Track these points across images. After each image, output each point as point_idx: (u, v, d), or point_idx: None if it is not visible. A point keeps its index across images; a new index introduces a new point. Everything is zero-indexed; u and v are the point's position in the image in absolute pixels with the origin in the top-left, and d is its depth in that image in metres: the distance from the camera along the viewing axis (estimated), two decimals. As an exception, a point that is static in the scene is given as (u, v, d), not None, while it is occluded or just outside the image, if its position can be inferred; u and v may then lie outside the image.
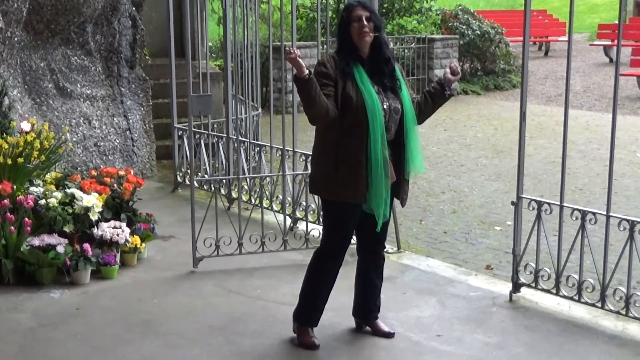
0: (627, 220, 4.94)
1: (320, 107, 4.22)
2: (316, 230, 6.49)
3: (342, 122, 4.35)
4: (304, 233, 6.45)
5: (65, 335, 4.94)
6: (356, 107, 4.31)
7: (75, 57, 8.42)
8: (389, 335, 4.83)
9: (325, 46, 6.71)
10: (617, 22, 5.04)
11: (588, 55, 21.42)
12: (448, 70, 4.59)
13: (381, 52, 4.44)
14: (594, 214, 5.12)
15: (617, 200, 8.06)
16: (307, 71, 4.15)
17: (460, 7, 18.65)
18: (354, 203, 4.44)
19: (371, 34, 4.38)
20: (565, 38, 4.97)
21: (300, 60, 4.13)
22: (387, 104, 4.39)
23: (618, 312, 5.03)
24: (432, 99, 4.61)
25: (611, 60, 20.09)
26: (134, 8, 9.13)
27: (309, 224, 6.56)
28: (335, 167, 4.40)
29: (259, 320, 5.16)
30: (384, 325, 4.89)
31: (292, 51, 4.14)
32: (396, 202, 4.79)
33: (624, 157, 10.40)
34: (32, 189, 6.13)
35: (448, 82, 4.56)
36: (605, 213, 5.02)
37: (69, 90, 8.29)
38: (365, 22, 4.35)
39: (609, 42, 20.25)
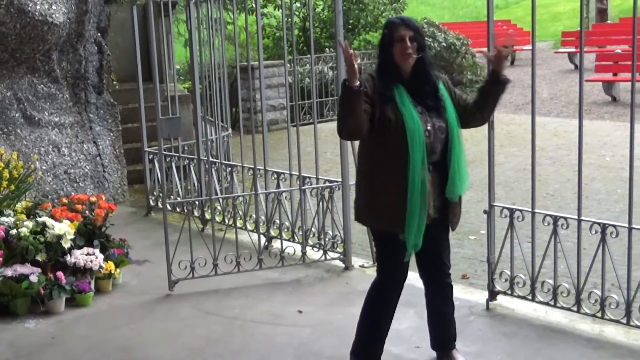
0: (599, 224, 4.99)
1: (360, 121, 3.98)
2: (291, 248, 6.49)
3: (380, 145, 4.14)
4: (279, 251, 6.44)
5: (42, 365, 4.90)
6: (395, 128, 4.05)
7: (42, 85, 8.38)
8: None
9: (291, 64, 6.74)
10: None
11: (553, 62, 21.63)
12: (490, 55, 4.29)
13: (424, 73, 4.19)
14: (565, 218, 5.16)
15: (589, 205, 8.14)
16: (359, 82, 3.89)
17: (425, 20, 18.76)
18: (395, 232, 4.18)
19: (414, 55, 4.12)
20: (530, 47, 5.06)
21: (356, 67, 3.85)
22: (431, 123, 4.13)
23: (594, 315, 5.07)
24: (486, 93, 4.32)
25: (576, 66, 20.30)
26: (99, 34, 9.11)
27: (283, 241, 6.55)
28: (375, 193, 4.19)
29: (237, 340, 5.15)
30: (459, 356, 4.59)
31: (352, 54, 3.84)
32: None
33: (593, 161, 10.50)
34: (3, 219, 6.08)
35: (498, 67, 4.23)
36: (576, 217, 5.07)
37: (36, 118, 8.25)
38: (408, 43, 4.09)
39: (573, 49, 20.46)
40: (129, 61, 8.87)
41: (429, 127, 4.13)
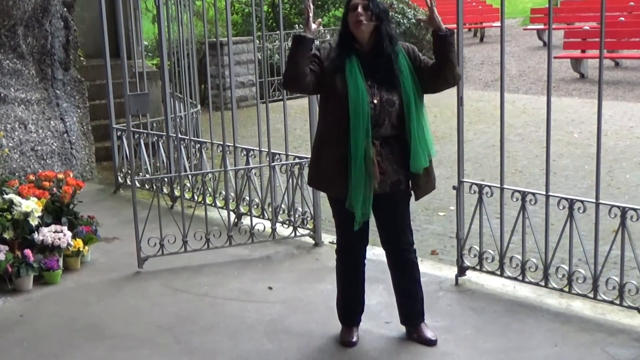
0: (566, 199, 5.02)
1: (296, 71, 4.13)
2: (261, 225, 6.48)
3: (327, 114, 4.28)
4: (248, 228, 6.43)
5: (9, 344, 4.86)
6: (340, 97, 4.14)
7: (7, 61, 8.26)
8: (429, 343, 4.56)
9: (261, 41, 6.69)
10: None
11: (522, 39, 21.72)
12: (423, 19, 4.39)
13: (378, 45, 4.20)
14: (533, 194, 5.20)
15: (556, 181, 8.21)
16: (310, 35, 4.15)
17: (395, -4, 18.74)
18: (334, 197, 4.37)
19: (365, 23, 4.14)
20: (499, 23, 5.05)
21: (310, 18, 4.20)
22: (379, 96, 4.16)
23: (561, 290, 5.12)
24: (437, 53, 4.24)
25: (545, 43, 20.39)
26: (65, 9, 8.98)
27: (253, 218, 6.54)
28: (319, 159, 4.36)
29: (207, 317, 5.14)
30: (427, 331, 4.64)
31: (309, 7, 4.21)
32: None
33: (561, 138, 10.58)
34: (-31, 196, 6.01)
35: (431, 25, 4.26)
36: (544, 193, 5.11)
37: (2, 95, 8.13)
38: (361, 11, 4.13)
39: (541, 26, 20.54)
40: (96, 37, 8.76)
41: (375, 100, 4.16)
